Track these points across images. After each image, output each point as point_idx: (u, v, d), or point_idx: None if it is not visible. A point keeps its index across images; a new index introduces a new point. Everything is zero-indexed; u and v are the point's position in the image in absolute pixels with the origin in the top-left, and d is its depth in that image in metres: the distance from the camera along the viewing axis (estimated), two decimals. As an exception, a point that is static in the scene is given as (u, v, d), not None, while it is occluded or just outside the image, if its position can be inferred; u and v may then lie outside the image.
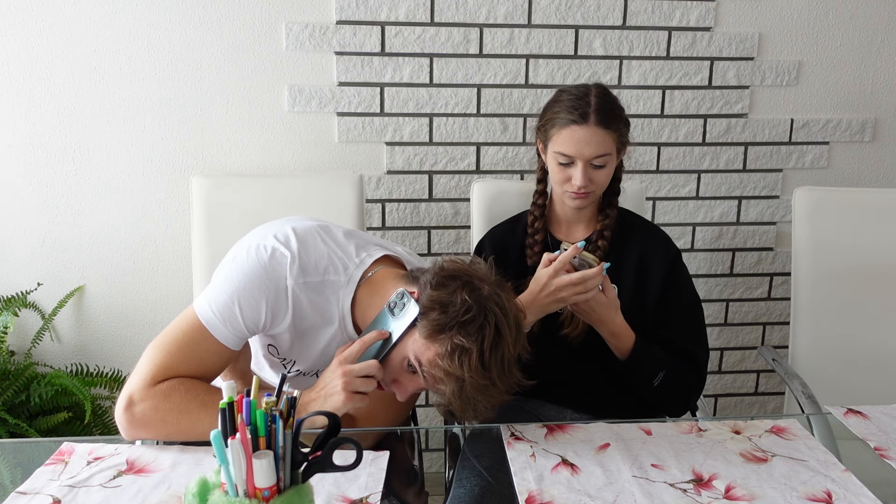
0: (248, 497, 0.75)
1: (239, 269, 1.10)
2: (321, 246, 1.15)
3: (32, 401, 1.84)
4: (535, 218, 1.46)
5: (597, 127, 1.32)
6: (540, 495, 0.99)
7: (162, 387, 1.07)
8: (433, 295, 1.03)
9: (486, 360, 1.00)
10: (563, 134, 1.33)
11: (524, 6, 1.92)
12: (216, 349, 1.10)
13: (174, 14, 1.85)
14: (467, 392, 1.00)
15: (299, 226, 1.16)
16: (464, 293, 1.02)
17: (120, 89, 1.88)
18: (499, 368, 1.01)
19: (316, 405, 1.05)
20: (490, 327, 1.01)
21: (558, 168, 1.37)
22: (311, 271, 1.12)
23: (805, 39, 2.02)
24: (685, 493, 0.99)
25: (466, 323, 1.00)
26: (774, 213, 2.13)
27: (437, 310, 1.02)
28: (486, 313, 1.01)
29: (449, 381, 1.00)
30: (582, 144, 1.32)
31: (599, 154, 1.33)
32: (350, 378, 1.03)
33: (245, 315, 1.09)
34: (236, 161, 1.95)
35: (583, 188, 1.34)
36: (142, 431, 1.07)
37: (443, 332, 1.01)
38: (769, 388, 2.28)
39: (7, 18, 1.82)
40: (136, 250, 1.99)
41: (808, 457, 1.08)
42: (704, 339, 1.43)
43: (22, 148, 1.89)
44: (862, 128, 2.09)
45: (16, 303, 1.93)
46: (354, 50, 1.91)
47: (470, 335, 0.99)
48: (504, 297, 1.05)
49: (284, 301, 1.11)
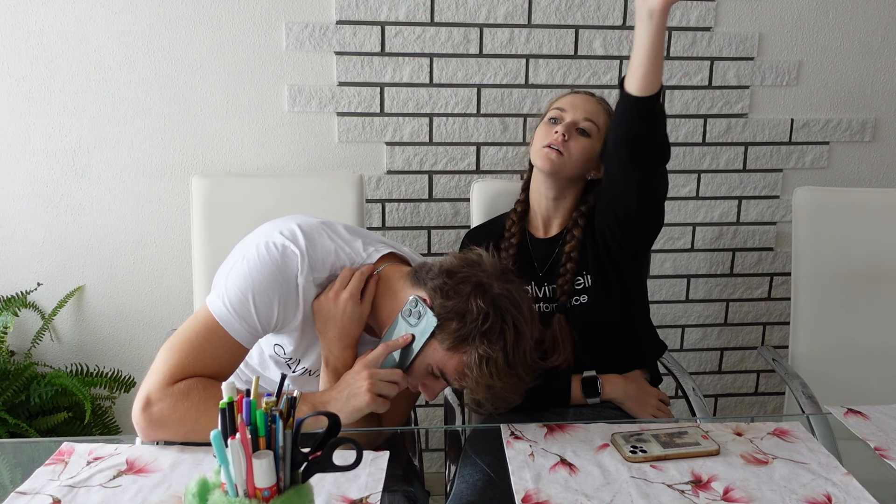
0: (248, 497, 0.75)
1: (251, 266, 1.10)
2: (328, 242, 1.15)
3: (32, 401, 1.84)
4: (513, 222, 1.48)
5: (590, 97, 1.43)
6: (537, 494, 0.99)
7: (179, 386, 1.06)
8: (447, 305, 1.05)
9: (512, 360, 1.04)
10: (558, 101, 1.44)
11: (524, 6, 1.92)
12: (231, 347, 1.10)
13: (174, 14, 1.85)
14: (498, 392, 1.05)
15: (304, 222, 1.16)
16: (478, 300, 1.04)
17: (120, 89, 1.88)
18: (523, 364, 1.06)
19: (337, 404, 1.07)
20: (510, 329, 1.04)
21: (545, 127, 1.41)
22: (319, 268, 1.13)
23: (805, 39, 2.02)
24: (683, 495, 0.99)
25: (487, 332, 1.03)
26: (774, 213, 2.13)
27: (454, 320, 1.04)
28: (504, 315, 1.04)
29: (479, 388, 1.05)
30: (573, 104, 1.41)
31: (588, 117, 1.39)
32: (375, 381, 1.07)
33: (259, 312, 1.10)
34: (236, 161, 1.95)
35: (562, 136, 1.36)
36: (160, 431, 1.06)
37: (465, 342, 1.04)
38: (769, 388, 2.28)
39: (7, 18, 1.82)
40: (136, 250, 1.99)
41: (810, 459, 1.08)
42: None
43: (22, 148, 1.90)
44: (862, 128, 2.09)
45: (16, 303, 1.93)
46: (354, 50, 1.91)
47: (493, 343, 1.02)
48: (514, 290, 1.07)
49: (295, 298, 1.12)
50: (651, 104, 1.20)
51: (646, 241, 1.42)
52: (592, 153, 1.39)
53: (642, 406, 1.41)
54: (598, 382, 1.41)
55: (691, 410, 1.52)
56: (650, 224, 1.37)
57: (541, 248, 1.47)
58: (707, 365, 2.24)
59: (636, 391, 1.42)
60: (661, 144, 1.26)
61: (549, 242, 1.46)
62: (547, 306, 1.43)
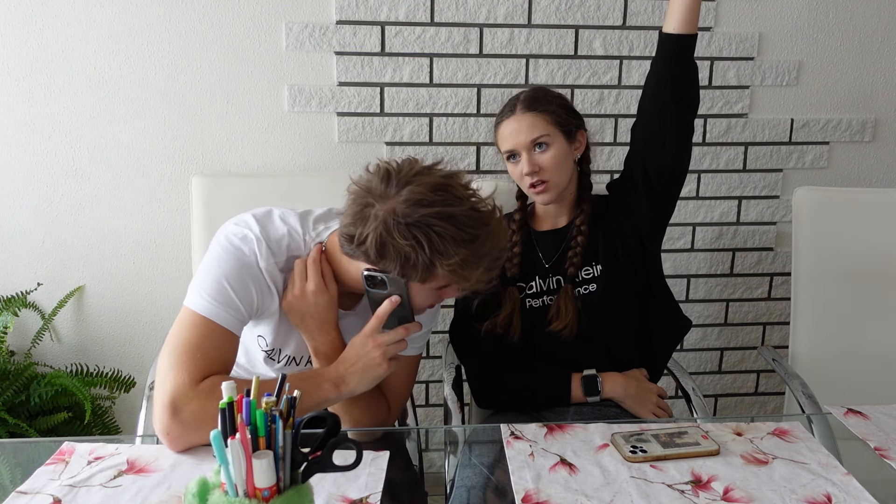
0: (247, 497, 0.75)
1: (217, 257, 1.13)
2: (280, 225, 1.19)
3: (32, 401, 1.84)
4: (513, 232, 1.48)
5: (523, 113, 1.39)
6: (537, 494, 0.99)
7: (203, 385, 1.04)
8: (388, 261, 1.06)
9: (478, 251, 1.06)
10: (500, 134, 1.43)
11: (524, 6, 1.92)
12: (227, 336, 1.11)
13: (174, 14, 1.85)
14: (484, 275, 1.09)
15: (257, 211, 1.20)
16: (400, 238, 1.03)
17: (120, 89, 1.88)
18: (483, 241, 1.06)
19: (355, 377, 1.11)
20: (442, 225, 1.03)
21: (512, 168, 1.42)
22: (276, 251, 1.16)
23: (805, 39, 2.02)
24: (683, 495, 0.99)
25: (437, 252, 1.04)
26: (774, 213, 2.13)
27: (408, 264, 1.05)
28: (428, 224, 1.03)
29: (469, 288, 1.10)
30: (514, 134, 1.39)
31: (533, 137, 1.37)
32: (385, 347, 1.12)
33: (239, 295, 1.11)
34: (236, 161, 1.95)
35: (532, 174, 1.37)
36: (195, 434, 1.03)
37: (429, 269, 1.06)
38: (769, 388, 2.28)
39: (7, 18, 1.82)
40: (136, 250, 1.99)
41: (810, 459, 1.08)
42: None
43: (22, 148, 1.90)
44: (862, 128, 2.09)
45: (16, 303, 1.93)
46: (354, 50, 1.91)
47: (450, 254, 1.04)
48: (423, 196, 1.04)
49: (265, 282, 1.15)
50: (693, 42, 1.33)
51: (675, 184, 1.44)
52: (561, 154, 1.40)
53: (642, 404, 1.42)
54: (597, 381, 1.41)
55: (691, 410, 1.52)
56: (684, 162, 1.42)
57: (546, 241, 1.48)
58: (707, 365, 2.24)
59: (636, 389, 1.42)
60: (697, 83, 1.37)
61: (556, 234, 1.47)
62: (550, 299, 1.44)
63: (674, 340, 1.56)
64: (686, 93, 1.36)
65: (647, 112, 1.39)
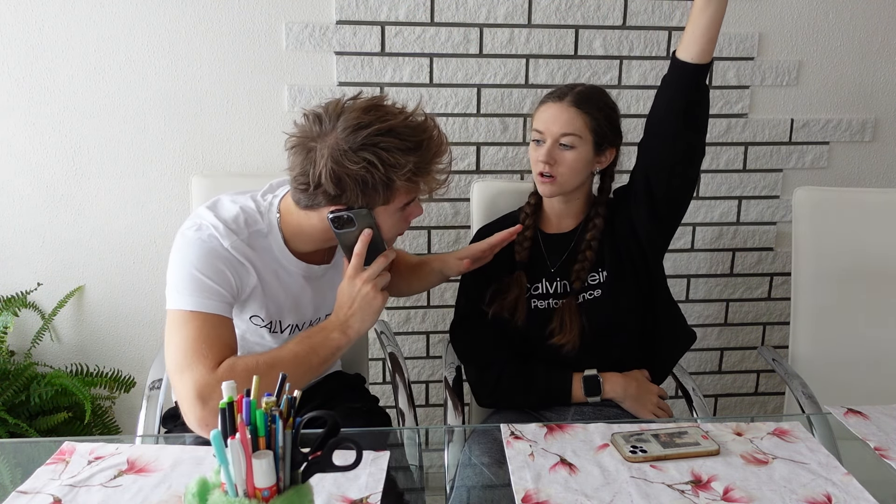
0: (247, 497, 0.75)
1: (181, 252, 1.15)
2: (230, 206, 1.21)
3: (32, 401, 1.84)
4: (526, 215, 1.49)
5: (569, 105, 1.37)
6: (536, 494, 0.99)
7: (221, 371, 1.06)
8: (349, 193, 1.09)
9: (426, 155, 1.11)
10: (540, 111, 1.41)
11: (524, 6, 1.92)
12: (219, 321, 1.12)
13: (174, 14, 1.85)
14: (439, 177, 1.17)
15: (206, 203, 1.23)
16: (357, 163, 1.07)
17: (120, 89, 1.88)
18: (427, 146, 1.12)
19: (357, 318, 1.15)
20: (386, 139, 1.08)
21: (533, 148, 1.41)
22: (236, 229, 1.17)
23: (805, 39, 2.02)
24: (683, 495, 0.99)
25: (390, 166, 1.08)
26: (774, 213, 2.13)
27: (367, 188, 1.09)
28: (373, 144, 1.07)
29: (428, 192, 1.17)
30: (551, 120, 1.37)
31: (567, 132, 1.36)
32: (374, 281, 1.15)
33: (215, 280, 1.13)
34: (236, 161, 1.95)
35: (545, 164, 1.37)
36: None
37: (389, 186, 1.10)
38: (769, 388, 2.28)
39: (7, 18, 1.82)
40: (136, 250, 1.99)
41: (810, 459, 1.08)
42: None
43: (22, 147, 1.90)
44: (862, 128, 2.09)
45: (16, 303, 1.93)
46: (354, 50, 1.91)
47: (403, 164, 1.08)
48: (359, 119, 1.08)
49: (236, 260, 1.16)
50: (707, 70, 1.29)
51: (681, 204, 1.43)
52: (582, 160, 1.38)
53: (642, 405, 1.42)
54: (599, 381, 1.41)
55: (691, 410, 1.52)
56: (691, 179, 1.40)
57: (552, 244, 1.48)
58: (707, 365, 2.24)
59: (636, 390, 1.42)
60: (708, 107, 1.35)
61: (562, 238, 1.47)
62: (557, 302, 1.44)
63: (678, 352, 1.55)
64: (697, 119, 1.33)
65: (656, 135, 1.36)
